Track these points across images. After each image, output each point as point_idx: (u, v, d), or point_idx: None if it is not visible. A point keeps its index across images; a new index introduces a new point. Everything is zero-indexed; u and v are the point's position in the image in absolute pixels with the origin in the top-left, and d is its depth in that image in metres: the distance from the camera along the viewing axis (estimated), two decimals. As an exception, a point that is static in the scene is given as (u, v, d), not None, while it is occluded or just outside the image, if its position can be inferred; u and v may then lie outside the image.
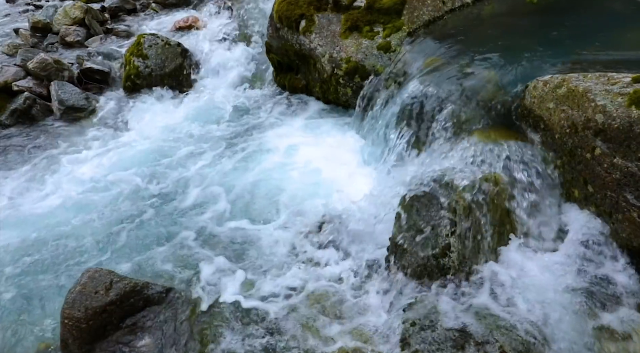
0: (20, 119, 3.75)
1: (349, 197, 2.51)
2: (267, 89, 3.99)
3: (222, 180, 2.90)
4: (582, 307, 1.75)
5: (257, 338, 1.88)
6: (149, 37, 4.32)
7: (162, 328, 1.92)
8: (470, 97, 2.41)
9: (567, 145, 2.00)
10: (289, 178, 2.81)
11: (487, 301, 1.80)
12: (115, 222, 2.61)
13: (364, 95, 3.12)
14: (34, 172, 3.14)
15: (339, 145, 3.07)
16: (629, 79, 1.86)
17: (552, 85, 2.06)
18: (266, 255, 2.28)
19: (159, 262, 2.28)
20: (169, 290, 2.06)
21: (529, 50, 2.50)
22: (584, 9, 2.89)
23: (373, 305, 1.96)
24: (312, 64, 3.51)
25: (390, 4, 3.23)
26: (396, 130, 2.67)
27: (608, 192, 1.87)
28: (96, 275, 1.95)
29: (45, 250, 2.44)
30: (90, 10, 5.42)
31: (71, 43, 5.01)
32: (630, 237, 1.85)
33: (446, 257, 1.88)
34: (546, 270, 1.90)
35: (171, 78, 4.20)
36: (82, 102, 3.91)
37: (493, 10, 3.13)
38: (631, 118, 1.73)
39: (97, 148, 3.39)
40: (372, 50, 3.15)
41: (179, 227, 2.54)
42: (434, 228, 1.93)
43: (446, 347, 1.64)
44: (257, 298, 2.04)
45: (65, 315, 1.85)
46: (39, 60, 4.04)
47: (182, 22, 5.41)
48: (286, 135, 3.29)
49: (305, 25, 3.44)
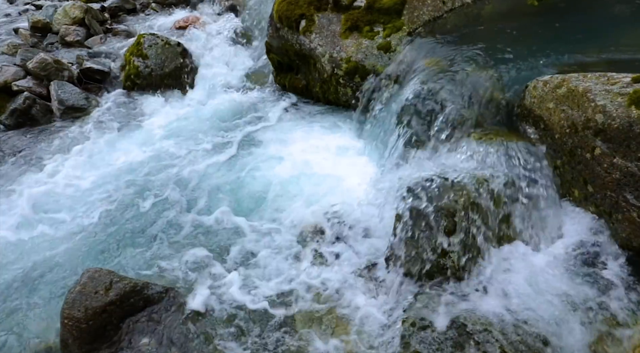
0: (20, 118, 3.75)
1: (349, 197, 2.51)
2: (267, 88, 3.99)
3: (223, 181, 2.90)
4: (582, 307, 1.75)
5: (257, 338, 1.88)
6: (149, 37, 4.31)
7: (163, 329, 1.92)
8: (470, 97, 2.41)
9: (567, 145, 2.00)
10: (289, 179, 2.81)
11: (487, 301, 1.81)
12: (113, 223, 2.60)
13: (364, 95, 3.12)
14: (32, 171, 3.14)
15: (340, 145, 3.07)
16: (628, 79, 1.86)
17: (552, 85, 2.06)
18: (267, 255, 2.28)
19: (159, 262, 2.28)
20: (169, 290, 2.06)
21: (529, 50, 2.51)
22: (584, 9, 2.89)
23: (373, 305, 1.96)
24: (312, 64, 3.51)
25: (390, 4, 3.23)
26: (396, 130, 2.67)
27: (608, 192, 1.87)
28: (96, 275, 1.95)
29: (43, 250, 2.44)
30: (90, 10, 5.42)
31: (71, 43, 5.01)
32: (630, 237, 1.85)
33: (446, 257, 1.88)
34: (546, 270, 1.90)
35: (171, 78, 4.20)
36: (82, 102, 3.91)
37: (493, 10, 3.13)
38: (631, 118, 1.74)
39: (96, 148, 3.39)
40: (372, 50, 3.15)
41: (179, 227, 2.54)
42: (433, 228, 1.93)
43: (446, 347, 1.64)
44: (258, 298, 2.04)
45: (65, 315, 1.85)
46: (39, 60, 4.04)
47: (182, 22, 5.41)
48: (286, 135, 3.29)
49: (306, 25, 3.43)
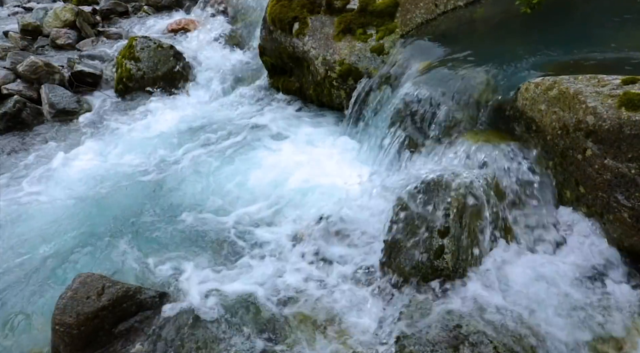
0: (10, 122, 3.71)
1: (343, 200, 2.51)
2: (261, 91, 3.98)
3: (215, 184, 2.88)
4: (574, 308, 1.76)
5: (252, 342, 1.87)
6: (141, 39, 4.29)
7: (156, 334, 1.90)
8: (463, 99, 2.43)
9: (559, 147, 2.02)
10: (282, 182, 2.80)
11: (481, 302, 1.81)
12: (105, 227, 2.57)
13: (358, 98, 3.12)
14: (23, 175, 3.10)
15: (333, 147, 3.07)
16: (618, 81, 1.88)
17: (544, 87, 2.08)
18: (260, 258, 2.27)
19: (152, 266, 2.26)
20: (163, 295, 2.04)
21: (521, 53, 2.53)
22: (576, 11, 2.93)
23: (367, 307, 1.95)
24: (305, 67, 3.51)
25: (383, 7, 3.24)
26: (390, 132, 2.68)
27: (599, 192, 1.88)
28: (88, 280, 1.93)
29: (33, 255, 2.41)
30: (81, 12, 5.38)
31: (62, 46, 4.97)
32: (621, 237, 1.87)
33: (440, 258, 1.89)
34: (539, 271, 1.91)
35: (164, 81, 4.18)
36: (73, 105, 3.87)
37: (485, 13, 3.15)
38: (621, 119, 1.76)
39: (87, 152, 3.35)
40: (366, 52, 3.16)
41: (171, 231, 2.51)
42: (428, 229, 1.93)
43: (441, 348, 1.64)
44: (251, 301, 2.03)
45: (57, 321, 1.82)
46: (29, 63, 4.00)
47: (175, 25, 5.40)
48: (280, 138, 3.29)
49: (299, 28, 3.44)
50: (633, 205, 1.77)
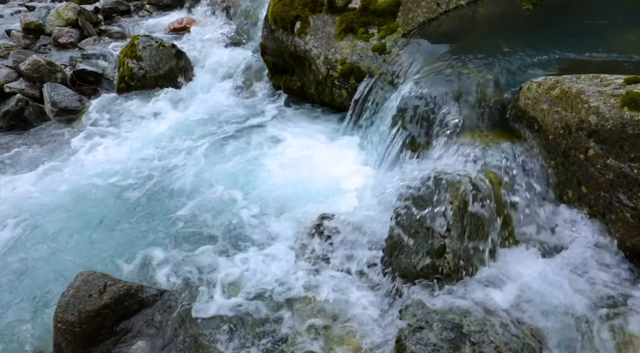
0: (12, 121, 3.72)
1: (345, 199, 2.51)
2: (262, 90, 3.98)
3: (217, 182, 2.89)
4: (576, 306, 1.76)
5: (252, 340, 1.87)
6: (143, 38, 4.30)
7: (157, 332, 1.90)
8: (465, 98, 2.43)
9: (561, 146, 2.01)
10: (284, 180, 2.81)
11: (482, 302, 1.81)
12: (106, 225, 2.58)
13: (360, 97, 3.12)
14: (24, 173, 3.11)
15: (335, 147, 3.07)
16: (621, 81, 1.87)
17: (546, 86, 2.07)
18: (262, 256, 2.27)
19: (153, 264, 2.26)
20: (164, 293, 2.05)
21: (523, 52, 2.52)
22: (577, 11, 2.92)
23: (368, 306, 1.95)
24: (307, 66, 3.51)
25: (385, 6, 3.24)
26: (392, 131, 2.67)
27: (601, 192, 1.88)
28: (90, 278, 1.93)
29: (35, 253, 2.41)
30: (83, 11, 5.39)
31: (64, 44, 4.98)
32: (623, 237, 1.86)
33: (441, 258, 1.89)
34: (540, 270, 1.91)
35: (165, 80, 4.19)
36: (75, 104, 3.88)
37: (487, 12, 3.15)
38: (624, 119, 1.75)
39: (88, 151, 3.36)
40: (367, 51, 3.15)
41: (174, 229, 2.52)
42: (429, 229, 1.93)
43: (442, 348, 1.64)
44: (253, 300, 2.03)
45: (59, 319, 1.83)
46: (32, 62, 4.01)
47: (176, 24, 5.40)
48: (281, 137, 3.29)
49: (300, 27, 3.44)
50: (635, 205, 1.76)
